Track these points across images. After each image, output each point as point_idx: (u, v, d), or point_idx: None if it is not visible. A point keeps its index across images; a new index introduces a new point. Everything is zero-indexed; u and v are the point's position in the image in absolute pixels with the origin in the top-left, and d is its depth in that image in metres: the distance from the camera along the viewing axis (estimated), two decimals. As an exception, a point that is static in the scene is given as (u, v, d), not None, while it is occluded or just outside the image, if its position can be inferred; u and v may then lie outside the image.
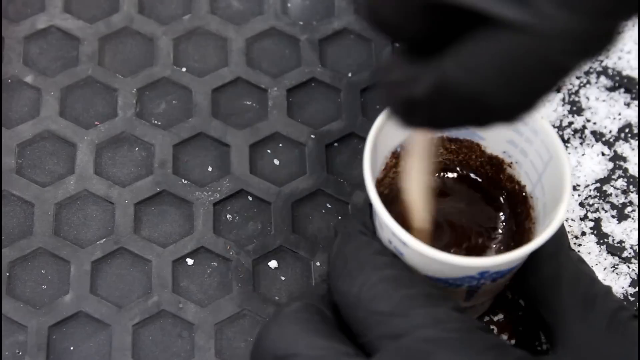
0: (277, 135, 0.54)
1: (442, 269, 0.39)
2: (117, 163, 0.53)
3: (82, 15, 0.57)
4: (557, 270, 0.42)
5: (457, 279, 0.40)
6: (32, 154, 0.53)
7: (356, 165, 0.53)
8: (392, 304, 0.37)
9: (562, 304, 0.41)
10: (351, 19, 0.57)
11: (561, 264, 0.42)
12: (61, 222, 0.51)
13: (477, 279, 0.40)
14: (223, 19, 0.57)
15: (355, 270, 0.39)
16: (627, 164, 0.53)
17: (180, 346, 0.47)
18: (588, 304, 0.40)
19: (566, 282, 0.41)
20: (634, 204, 0.51)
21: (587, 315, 0.40)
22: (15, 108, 0.54)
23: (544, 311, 0.42)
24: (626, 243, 0.50)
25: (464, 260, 0.38)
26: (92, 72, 0.55)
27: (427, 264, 0.39)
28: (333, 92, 0.55)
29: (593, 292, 0.40)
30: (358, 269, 0.39)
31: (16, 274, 0.49)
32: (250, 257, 0.50)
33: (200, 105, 0.54)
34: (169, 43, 0.56)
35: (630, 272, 0.49)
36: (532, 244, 0.38)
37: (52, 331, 0.48)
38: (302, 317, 0.39)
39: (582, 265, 0.42)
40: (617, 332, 0.38)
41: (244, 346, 0.47)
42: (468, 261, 0.38)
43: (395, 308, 0.37)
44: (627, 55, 0.56)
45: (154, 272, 0.49)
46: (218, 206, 0.51)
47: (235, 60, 0.56)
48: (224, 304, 0.48)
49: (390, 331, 0.37)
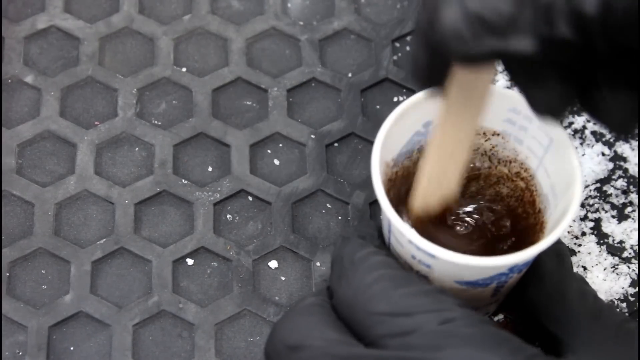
0: (277, 136, 0.54)
1: (474, 273, 0.39)
2: (117, 163, 0.53)
3: (83, 15, 0.57)
4: (562, 285, 0.42)
5: (487, 278, 0.40)
6: (33, 154, 0.53)
7: (356, 165, 0.53)
8: (391, 304, 0.37)
9: (569, 315, 0.41)
10: (351, 19, 0.57)
11: (565, 278, 0.42)
12: (61, 222, 0.51)
13: (507, 274, 0.40)
14: (223, 19, 0.57)
15: (351, 271, 0.39)
16: (627, 164, 0.53)
17: (180, 346, 0.47)
18: (595, 316, 0.40)
19: (572, 296, 0.41)
20: (634, 204, 0.51)
21: (594, 327, 0.40)
22: (16, 108, 0.54)
23: (549, 323, 0.42)
24: (626, 243, 0.50)
25: (499, 260, 0.38)
26: (93, 72, 0.55)
27: (458, 270, 0.39)
28: (333, 92, 0.55)
29: (598, 305, 0.41)
30: (353, 270, 0.39)
31: (16, 274, 0.49)
32: (251, 257, 0.50)
33: (201, 105, 0.54)
34: (169, 43, 0.56)
35: (631, 272, 0.49)
36: (562, 227, 0.38)
37: (52, 331, 0.48)
38: (315, 311, 0.39)
39: (585, 284, 0.43)
40: (624, 343, 0.39)
41: (244, 346, 0.47)
42: (502, 260, 0.38)
43: (395, 307, 0.37)
44: (627, 55, 0.56)
45: (154, 272, 0.49)
46: (218, 206, 0.51)
47: (236, 60, 0.56)
48: (224, 304, 0.48)
49: (394, 330, 0.37)
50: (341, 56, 0.56)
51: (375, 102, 0.55)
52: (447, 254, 0.38)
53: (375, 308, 0.37)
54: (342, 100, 0.55)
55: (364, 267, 0.39)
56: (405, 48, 0.57)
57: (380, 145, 0.41)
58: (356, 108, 0.54)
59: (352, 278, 0.39)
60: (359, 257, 0.39)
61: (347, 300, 0.38)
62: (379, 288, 0.38)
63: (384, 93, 0.55)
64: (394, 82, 0.55)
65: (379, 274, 0.38)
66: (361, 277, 0.38)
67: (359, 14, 0.58)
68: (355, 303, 0.38)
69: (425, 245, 0.38)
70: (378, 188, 0.39)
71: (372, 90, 0.55)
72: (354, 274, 0.39)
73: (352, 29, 0.57)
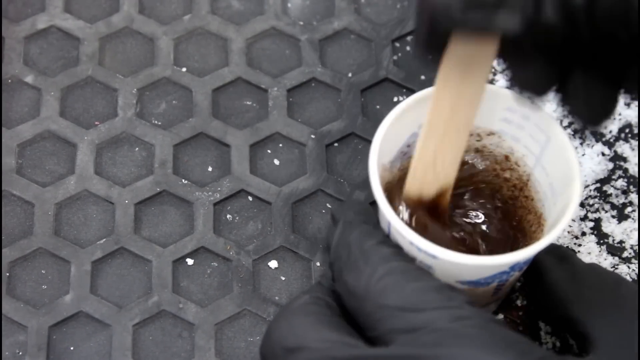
0: (277, 136, 0.54)
1: (476, 272, 0.39)
2: (117, 163, 0.53)
3: (83, 15, 0.57)
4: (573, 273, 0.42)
5: (488, 277, 0.40)
6: (33, 154, 0.53)
7: (356, 165, 0.53)
8: (402, 298, 0.37)
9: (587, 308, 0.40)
10: (351, 19, 0.57)
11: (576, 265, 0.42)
12: (61, 222, 0.51)
13: (508, 272, 0.40)
14: (223, 19, 0.57)
15: (361, 261, 0.38)
16: (627, 164, 0.53)
17: (180, 346, 0.47)
18: (618, 305, 0.40)
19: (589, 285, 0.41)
20: (634, 204, 0.51)
21: (617, 319, 0.39)
22: (16, 108, 0.54)
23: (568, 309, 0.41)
24: (626, 243, 0.50)
25: (500, 259, 0.38)
26: (93, 72, 0.55)
27: (460, 270, 0.39)
28: (333, 92, 0.55)
29: (621, 293, 0.40)
30: (363, 260, 0.38)
31: (16, 274, 0.49)
32: (251, 257, 0.50)
33: (201, 105, 0.54)
34: (170, 43, 0.56)
35: (631, 273, 0.49)
36: (562, 224, 0.38)
37: (52, 331, 0.48)
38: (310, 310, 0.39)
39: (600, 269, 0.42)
40: None
41: (244, 346, 0.47)
42: (503, 259, 0.38)
43: (406, 302, 0.36)
44: (627, 55, 0.56)
45: (154, 272, 0.49)
46: (218, 206, 0.51)
47: (236, 60, 0.56)
48: (224, 304, 0.48)
49: (404, 325, 0.36)
50: (341, 56, 0.56)
51: (375, 102, 0.55)
52: (449, 254, 0.38)
53: (386, 301, 0.37)
54: (342, 100, 0.55)
55: (375, 258, 0.38)
56: (406, 48, 0.57)
57: (378, 148, 0.40)
58: (356, 108, 0.54)
59: (364, 269, 0.38)
60: (369, 247, 0.39)
61: (357, 292, 0.38)
62: (391, 281, 0.37)
63: (384, 93, 0.55)
64: (394, 82, 0.55)
65: (391, 266, 0.38)
66: (373, 269, 0.38)
67: (359, 14, 0.58)
68: (366, 295, 0.38)
69: (427, 247, 0.38)
70: (377, 190, 0.39)
71: (372, 90, 0.55)
72: (365, 265, 0.38)
73: (352, 29, 0.57)
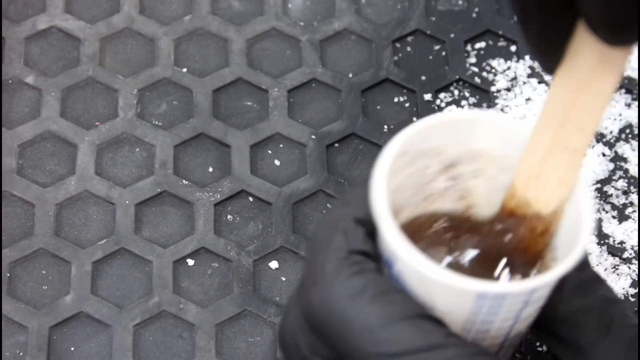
0: (278, 136, 0.54)
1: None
2: (117, 164, 0.53)
3: (83, 15, 0.57)
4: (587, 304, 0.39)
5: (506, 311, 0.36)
6: (33, 154, 0.53)
7: (357, 165, 0.53)
8: (373, 322, 0.34)
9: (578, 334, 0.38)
10: (352, 19, 0.57)
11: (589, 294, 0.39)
12: (62, 223, 0.51)
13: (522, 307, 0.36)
14: (224, 19, 0.57)
15: (320, 276, 0.35)
16: (627, 165, 0.53)
17: (181, 347, 0.47)
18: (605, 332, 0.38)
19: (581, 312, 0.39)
20: (634, 204, 0.51)
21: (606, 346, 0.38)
22: (16, 108, 0.54)
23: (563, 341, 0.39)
24: (627, 244, 0.50)
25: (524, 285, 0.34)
26: (93, 72, 0.55)
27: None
28: (334, 93, 0.55)
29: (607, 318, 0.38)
30: (322, 276, 0.35)
31: (17, 275, 0.49)
32: (251, 258, 0.50)
33: (201, 105, 0.54)
34: (170, 44, 0.56)
35: (631, 273, 0.49)
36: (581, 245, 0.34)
37: (52, 332, 0.48)
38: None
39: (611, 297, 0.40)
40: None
41: (245, 347, 0.48)
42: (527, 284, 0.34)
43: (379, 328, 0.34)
44: (627, 55, 0.56)
45: (155, 273, 0.49)
46: (219, 207, 0.51)
47: (236, 60, 0.56)
48: (225, 305, 0.48)
49: (381, 351, 0.33)
50: (342, 57, 0.56)
51: (375, 102, 0.55)
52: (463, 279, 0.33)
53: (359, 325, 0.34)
54: (343, 101, 0.55)
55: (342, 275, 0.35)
56: (406, 49, 0.57)
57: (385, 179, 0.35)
58: (357, 108, 0.54)
59: (326, 287, 0.35)
60: (331, 264, 0.35)
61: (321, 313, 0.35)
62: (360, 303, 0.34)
63: (385, 93, 0.55)
64: (395, 82, 0.55)
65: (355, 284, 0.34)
66: (338, 289, 0.35)
67: (360, 15, 0.58)
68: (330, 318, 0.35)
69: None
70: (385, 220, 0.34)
71: (373, 90, 0.55)
72: (326, 282, 0.35)
73: (353, 30, 0.57)
